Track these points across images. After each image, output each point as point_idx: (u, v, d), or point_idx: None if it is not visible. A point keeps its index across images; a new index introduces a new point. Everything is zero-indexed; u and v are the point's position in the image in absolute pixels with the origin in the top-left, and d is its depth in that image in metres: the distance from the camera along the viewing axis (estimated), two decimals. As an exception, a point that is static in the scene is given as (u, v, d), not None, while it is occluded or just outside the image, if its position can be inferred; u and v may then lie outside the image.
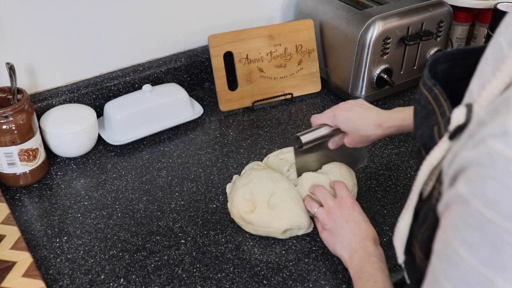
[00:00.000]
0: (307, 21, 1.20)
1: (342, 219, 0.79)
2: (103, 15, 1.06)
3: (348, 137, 0.88)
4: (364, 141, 0.87)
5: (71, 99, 1.08)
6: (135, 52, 1.15)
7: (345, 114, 0.86)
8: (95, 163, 1.02)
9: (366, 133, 0.85)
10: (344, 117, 0.86)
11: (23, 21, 0.98)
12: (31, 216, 0.90)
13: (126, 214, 0.90)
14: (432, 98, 0.51)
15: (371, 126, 0.85)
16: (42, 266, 0.80)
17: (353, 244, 0.77)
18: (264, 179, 0.88)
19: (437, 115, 0.50)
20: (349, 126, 0.86)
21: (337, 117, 0.87)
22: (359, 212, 0.81)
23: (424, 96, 0.52)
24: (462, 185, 0.39)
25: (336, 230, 0.79)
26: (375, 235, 0.79)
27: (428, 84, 0.52)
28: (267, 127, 1.14)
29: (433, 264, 0.43)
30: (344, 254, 0.77)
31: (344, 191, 0.84)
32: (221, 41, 1.14)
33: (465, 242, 0.39)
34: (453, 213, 0.40)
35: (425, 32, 1.17)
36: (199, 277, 0.79)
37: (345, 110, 0.87)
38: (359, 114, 0.86)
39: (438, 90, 0.50)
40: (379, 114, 0.86)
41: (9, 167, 0.92)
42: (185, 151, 1.06)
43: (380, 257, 0.75)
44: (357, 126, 0.85)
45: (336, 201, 0.82)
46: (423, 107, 0.52)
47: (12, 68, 0.90)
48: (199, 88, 1.25)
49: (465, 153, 0.40)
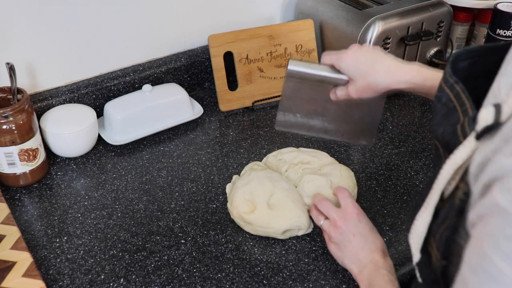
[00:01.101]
0: (307, 21, 1.20)
1: (348, 233, 0.77)
2: (103, 15, 1.06)
3: (353, 84, 0.77)
4: (372, 90, 0.77)
5: (71, 99, 1.08)
6: (135, 52, 1.15)
7: (353, 56, 0.77)
8: (95, 163, 1.02)
9: (375, 79, 0.75)
10: (351, 59, 0.77)
11: (23, 21, 0.98)
12: (31, 216, 0.90)
13: (126, 214, 0.90)
14: (454, 96, 0.49)
15: (383, 72, 0.75)
16: (42, 266, 0.80)
17: (361, 258, 0.75)
18: (264, 180, 0.88)
19: (459, 113, 0.48)
20: (357, 70, 0.76)
21: (343, 59, 0.77)
22: (365, 224, 0.79)
23: (445, 93, 0.50)
24: (500, 194, 0.37)
25: (343, 244, 0.78)
26: (383, 246, 0.77)
27: (450, 82, 0.50)
28: (267, 127, 1.14)
29: (466, 277, 0.41)
30: (354, 269, 0.76)
31: (348, 200, 0.81)
32: (221, 41, 1.14)
33: (505, 255, 0.37)
34: (491, 224, 0.38)
35: (425, 32, 1.17)
36: (199, 277, 0.79)
37: (354, 51, 0.78)
38: (371, 57, 0.77)
39: (460, 87, 0.49)
40: (397, 62, 0.77)
41: (9, 167, 0.92)
42: (185, 151, 1.06)
43: (389, 269, 0.74)
44: (366, 69, 0.76)
45: (341, 212, 0.80)
46: (444, 105, 0.50)
47: (12, 68, 0.90)
48: (199, 88, 1.25)
49: (502, 160, 0.38)
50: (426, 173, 1.00)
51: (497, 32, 1.22)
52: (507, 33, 1.21)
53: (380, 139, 1.10)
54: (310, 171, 0.92)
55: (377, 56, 0.78)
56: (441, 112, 0.51)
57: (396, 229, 0.89)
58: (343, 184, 0.89)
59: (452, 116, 0.49)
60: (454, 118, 0.49)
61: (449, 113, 0.50)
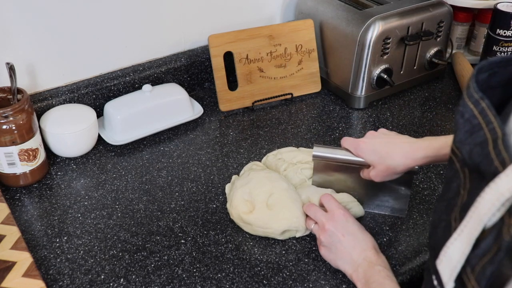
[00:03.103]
0: (307, 21, 1.20)
1: (338, 234, 0.78)
2: (103, 15, 1.06)
3: (373, 169, 0.82)
4: (392, 173, 0.81)
5: (71, 99, 1.08)
6: (135, 52, 1.15)
7: (370, 142, 0.81)
8: (95, 163, 1.02)
9: (394, 162, 0.79)
10: (368, 146, 0.81)
11: (23, 21, 0.98)
12: (31, 216, 0.90)
13: (126, 214, 0.90)
14: (479, 112, 0.48)
15: (400, 155, 0.79)
16: (42, 266, 0.80)
17: (354, 258, 0.75)
18: (263, 180, 0.88)
19: (485, 131, 0.46)
20: (374, 155, 0.81)
21: (361, 146, 0.82)
22: (353, 223, 0.79)
23: (469, 109, 0.49)
24: None
25: (334, 246, 0.78)
26: (374, 243, 0.78)
27: (474, 97, 0.48)
28: (267, 127, 1.14)
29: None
30: (348, 269, 0.76)
31: (332, 203, 0.82)
32: (221, 41, 1.14)
33: None
34: None
35: (425, 32, 1.17)
36: (199, 277, 0.79)
37: (371, 138, 0.83)
38: (386, 141, 0.81)
39: (486, 104, 0.47)
40: (409, 142, 0.80)
41: (9, 167, 0.92)
42: (185, 151, 1.06)
43: (384, 264, 0.74)
44: (383, 154, 0.80)
45: (328, 215, 0.80)
46: (466, 121, 0.49)
47: (12, 68, 0.90)
48: (199, 88, 1.26)
49: None
50: (426, 173, 1.00)
51: (497, 32, 1.22)
52: (507, 33, 1.21)
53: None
54: (310, 172, 0.92)
55: (391, 139, 0.81)
56: (464, 128, 0.49)
57: (396, 229, 0.89)
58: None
59: (476, 134, 0.47)
60: (480, 137, 0.47)
61: (473, 130, 0.48)
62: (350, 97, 1.19)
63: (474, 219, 0.46)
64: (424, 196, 0.95)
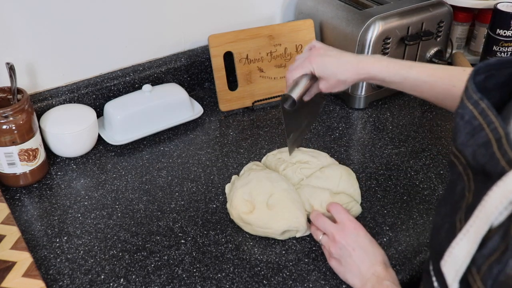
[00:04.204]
0: (307, 21, 1.20)
1: (348, 248, 0.77)
2: (103, 15, 1.06)
3: (324, 82, 0.87)
4: (341, 85, 0.87)
5: (71, 99, 1.08)
6: (135, 52, 1.15)
7: (320, 60, 0.86)
8: (95, 163, 1.02)
9: (343, 77, 0.85)
10: (320, 63, 0.85)
11: (23, 21, 0.98)
12: (31, 216, 0.90)
13: (126, 214, 0.90)
14: (479, 113, 0.48)
15: (350, 71, 0.85)
16: (42, 266, 0.80)
17: (363, 272, 0.75)
18: (263, 180, 0.88)
19: (486, 131, 0.46)
20: (327, 71, 0.85)
21: (313, 63, 0.86)
22: (364, 237, 0.79)
23: (468, 110, 0.49)
24: None
25: (344, 259, 0.77)
26: (384, 257, 0.77)
27: (474, 98, 0.48)
28: (267, 127, 1.14)
29: None
30: (357, 283, 0.76)
31: (343, 214, 0.81)
32: (221, 41, 1.14)
33: None
34: None
35: (425, 32, 1.17)
36: (199, 277, 0.79)
37: (320, 55, 0.86)
38: (336, 59, 0.86)
39: (485, 104, 0.47)
40: (357, 58, 0.86)
41: (9, 167, 0.92)
42: (185, 151, 1.06)
43: (392, 280, 0.73)
44: (335, 70, 0.85)
45: (338, 227, 0.80)
46: (467, 122, 0.49)
47: (12, 68, 0.90)
48: (199, 88, 1.26)
49: None
50: (426, 173, 1.00)
51: (497, 32, 1.22)
52: (507, 33, 1.21)
53: (380, 139, 1.10)
54: (309, 171, 0.92)
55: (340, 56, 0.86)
56: (464, 130, 0.49)
57: (396, 229, 0.89)
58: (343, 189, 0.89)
59: (478, 134, 0.47)
60: (482, 137, 0.47)
61: (474, 132, 0.48)
62: (350, 97, 1.19)
63: (481, 218, 0.45)
64: (424, 196, 0.95)
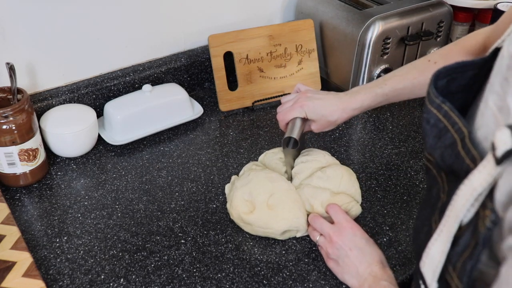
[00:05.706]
0: (307, 21, 1.20)
1: (345, 248, 0.78)
2: (103, 15, 1.06)
3: (315, 124, 0.91)
4: (332, 125, 0.91)
5: (71, 99, 1.08)
6: (135, 52, 1.15)
7: (311, 104, 0.89)
8: (95, 163, 1.02)
9: (333, 118, 0.89)
10: (310, 107, 0.89)
11: (23, 21, 0.98)
12: (31, 216, 0.90)
13: (126, 214, 0.90)
14: (443, 116, 0.49)
15: (337, 111, 0.89)
16: (42, 266, 0.80)
17: (361, 272, 0.75)
18: (263, 180, 0.88)
19: (451, 132, 0.48)
20: (317, 114, 0.89)
21: (305, 107, 0.89)
22: (360, 237, 0.79)
23: (432, 114, 0.50)
24: None
25: (341, 259, 0.78)
26: (381, 257, 0.77)
27: (436, 102, 0.50)
28: (267, 127, 1.14)
29: None
30: (354, 283, 0.76)
31: (340, 215, 0.82)
32: (221, 41, 1.14)
33: None
34: None
35: (425, 32, 1.17)
36: (199, 277, 0.79)
37: (308, 99, 0.90)
38: (323, 102, 0.89)
39: (448, 107, 0.49)
40: (340, 99, 0.90)
41: (9, 167, 0.92)
42: (185, 151, 1.06)
43: (390, 279, 0.74)
44: (324, 113, 0.89)
45: (335, 228, 0.81)
46: (433, 126, 0.50)
47: (12, 68, 0.90)
48: (199, 88, 1.26)
49: None
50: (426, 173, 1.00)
51: (497, 32, 1.22)
52: (507, 33, 1.21)
53: (380, 139, 1.10)
54: (310, 171, 0.92)
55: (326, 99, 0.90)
56: (431, 133, 0.50)
57: (396, 229, 0.89)
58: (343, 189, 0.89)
59: (444, 136, 0.49)
60: (448, 139, 0.48)
61: (440, 134, 0.49)
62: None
63: (452, 218, 0.47)
64: (424, 196, 0.95)
